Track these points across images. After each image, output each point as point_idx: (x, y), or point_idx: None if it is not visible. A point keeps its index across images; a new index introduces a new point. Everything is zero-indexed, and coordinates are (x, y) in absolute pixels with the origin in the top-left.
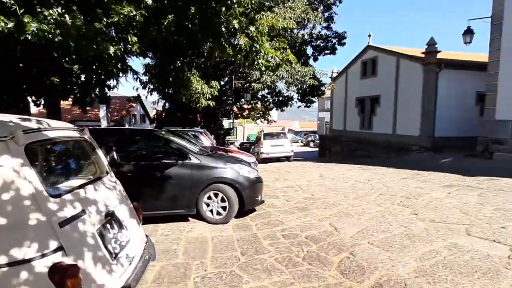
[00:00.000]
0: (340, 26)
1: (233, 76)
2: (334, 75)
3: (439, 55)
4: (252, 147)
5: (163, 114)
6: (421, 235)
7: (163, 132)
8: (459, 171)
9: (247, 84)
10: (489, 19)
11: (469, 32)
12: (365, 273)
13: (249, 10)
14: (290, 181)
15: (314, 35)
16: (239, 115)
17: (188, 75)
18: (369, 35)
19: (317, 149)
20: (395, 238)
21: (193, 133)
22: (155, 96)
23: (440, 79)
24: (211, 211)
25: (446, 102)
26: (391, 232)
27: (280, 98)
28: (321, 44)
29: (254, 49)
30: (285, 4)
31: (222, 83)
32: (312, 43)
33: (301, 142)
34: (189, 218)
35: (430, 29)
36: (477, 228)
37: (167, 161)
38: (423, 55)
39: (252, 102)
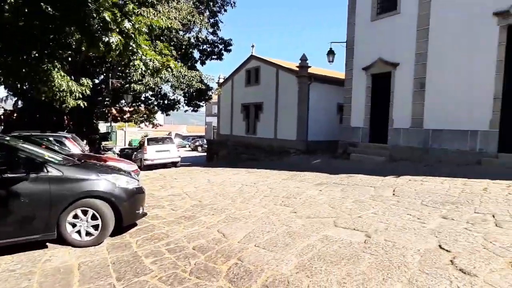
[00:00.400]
0: (227, 34)
1: (110, 75)
2: (221, 80)
3: (310, 70)
4: (135, 153)
5: (14, 114)
6: (300, 231)
7: (8, 138)
8: (327, 171)
9: (127, 85)
10: (345, 43)
11: (331, 52)
12: (253, 277)
13: (123, 1)
14: (177, 188)
15: (200, 39)
16: (119, 118)
17: (49, 67)
18: (253, 46)
19: (205, 153)
20: (278, 237)
21: (56, 138)
22: (2, 91)
23: (311, 90)
24: (79, 232)
25: (316, 111)
26: (275, 232)
27: (166, 102)
28: (208, 49)
29: (130, 48)
30: (169, 3)
31: (97, 81)
32: (199, 47)
33: (189, 146)
34: (47, 244)
35: (307, 45)
36: (342, 219)
37: (13, 175)
38: (297, 69)
39: (134, 104)
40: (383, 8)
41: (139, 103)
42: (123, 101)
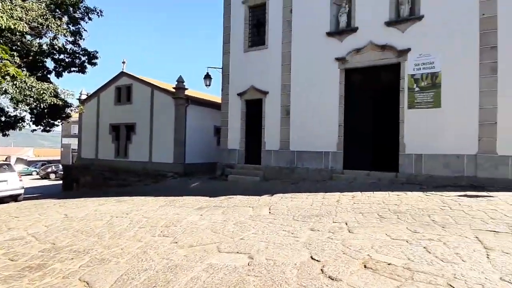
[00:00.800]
0: (94, 46)
1: None
2: (84, 97)
3: (187, 92)
4: None
5: None
6: (182, 263)
7: None
8: (206, 193)
9: None
10: (221, 70)
11: (208, 77)
12: None
13: None
14: (18, 230)
15: (56, 47)
16: None
17: None
18: (124, 62)
19: (60, 181)
20: (158, 275)
21: None
22: None
23: (188, 112)
24: None
25: (193, 133)
26: (153, 269)
27: (3, 118)
28: (67, 59)
29: None
30: (13, 0)
31: None
32: (54, 56)
33: (37, 174)
34: None
35: (184, 67)
36: (225, 244)
37: None
38: (174, 90)
39: None
40: (254, 42)
41: None
42: None
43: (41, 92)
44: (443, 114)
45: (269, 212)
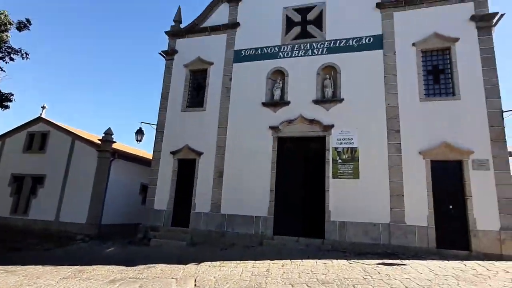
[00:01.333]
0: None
1: None
2: None
3: (114, 145)
4: None
5: None
6: None
7: None
8: (122, 262)
9: None
10: (156, 126)
11: (140, 132)
12: None
13: None
14: None
15: None
16: None
17: None
18: (43, 107)
19: None
20: None
21: None
22: None
23: (113, 167)
24: None
25: (116, 190)
26: None
27: None
28: None
29: None
30: None
31: None
32: None
33: None
34: None
35: (115, 120)
36: None
37: None
38: (99, 142)
39: None
40: (193, 103)
41: None
42: None
43: None
44: (362, 185)
45: (195, 285)
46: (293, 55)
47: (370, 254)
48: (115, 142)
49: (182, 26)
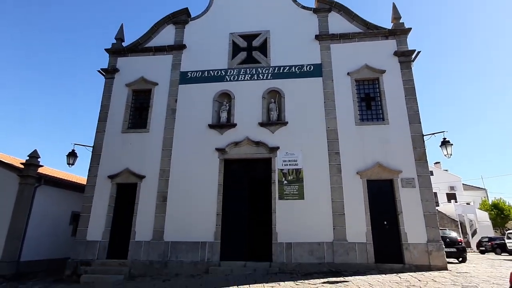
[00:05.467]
0: None
1: None
2: None
3: (41, 170)
4: None
5: None
6: None
7: None
8: None
9: None
10: (92, 148)
11: (73, 154)
12: None
13: None
14: None
15: None
16: None
17: None
18: None
19: None
20: None
21: None
22: None
23: (38, 194)
24: None
25: (41, 220)
26: None
27: None
28: None
29: None
30: None
31: None
32: None
33: None
34: None
35: (37, 140)
36: None
37: None
38: (22, 166)
39: None
40: (134, 124)
41: None
42: None
43: None
44: (306, 205)
45: None
46: (240, 79)
47: (316, 274)
48: (41, 166)
49: (124, 44)
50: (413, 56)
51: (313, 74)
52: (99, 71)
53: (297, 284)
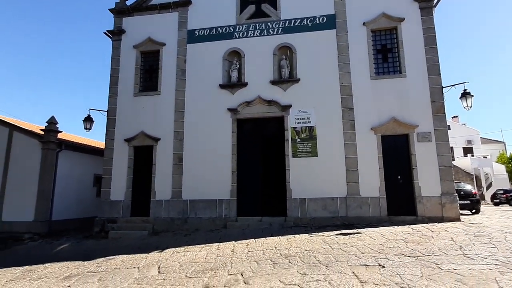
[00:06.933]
0: None
1: None
2: None
3: (60, 135)
4: None
5: None
6: None
7: None
8: (78, 257)
9: None
10: (106, 113)
11: (89, 119)
12: None
13: None
14: None
15: None
16: None
17: None
18: None
19: None
20: None
21: None
22: None
23: (60, 159)
24: None
25: (66, 183)
26: None
27: None
28: None
29: None
30: None
31: None
32: None
33: None
34: None
35: (53, 107)
36: None
37: None
38: (42, 132)
39: None
40: (146, 87)
41: None
42: None
43: None
44: (320, 162)
45: (158, 272)
46: (249, 35)
47: (329, 227)
48: (60, 131)
49: (128, 3)
50: (434, 1)
51: (326, 27)
52: (105, 33)
53: (311, 236)
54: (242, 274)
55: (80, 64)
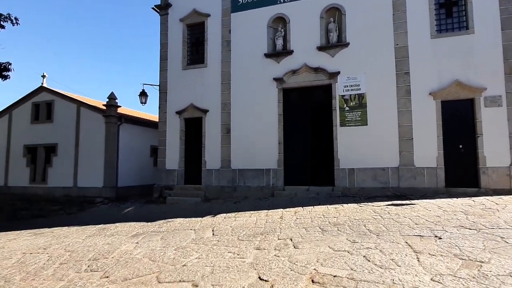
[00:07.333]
0: (7, 57)
1: None
2: None
3: (120, 110)
4: None
5: None
6: None
7: None
8: (142, 219)
9: None
10: (158, 87)
11: (144, 94)
12: None
13: None
14: None
15: None
16: None
17: None
18: (44, 76)
19: None
20: None
21: None
22: None
23: (121, 132)
24: None
25: (127, 154)
26: None
27: None
28: None
29: None
30: None
31: None
32: None
33: None
34: None
35: (113, 83)
36: (166, 273)
37: None
38: (104, 107)
39: None
40: (193, 60)
41: None
42: None
43: None
44: (370, 131)
45: (213, 234)
46: None
47: (379, 197)
48: (120, 106)
49: None
50: None
51: None
52: (153, 8)
53: (360, 206)
54: (291, 239)
55: (132, 38)
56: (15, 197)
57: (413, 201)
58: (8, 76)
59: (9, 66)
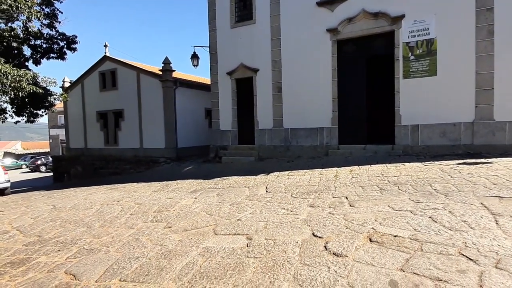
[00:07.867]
0: (71, 29)
1: None
2: (67, 84)
3: (175, 74)
4: None
5: None
6: (177, 249)
7: None
8: (200, 176)
9: None
10: (208, 48)
11: (195, 56)
12: None
13: None
14: (3, 224)
15: (32, 32)
16: None
17: None
18: (106, 45)
19: (51, 173)
20: (151, 262)
21: None
22: None
23: (177, 95)
24: None
25: (184, 116)
26: (146, 257)
27: None
28: (44, 45)
29: None
30: None
31: None
32: (30, 42)
33: (27, 167)
34: None
35: (170, 49)
36: (221, 226)
37: None
38: (161, 73)
39: None
40: (241, 17)
41: None
42: None
43: (17, 79)
44: (439, 82)
45: (266, 191)
46: None
47: (448, 156)
48: (174, 70)
49: None
50: None
51: None
52: None
53: (425, 165)
54: (346, 198)
55: (183, 4)
56: (94, 158)
57: (489, 160)
58: (76, 49)
59: (76, 39)
